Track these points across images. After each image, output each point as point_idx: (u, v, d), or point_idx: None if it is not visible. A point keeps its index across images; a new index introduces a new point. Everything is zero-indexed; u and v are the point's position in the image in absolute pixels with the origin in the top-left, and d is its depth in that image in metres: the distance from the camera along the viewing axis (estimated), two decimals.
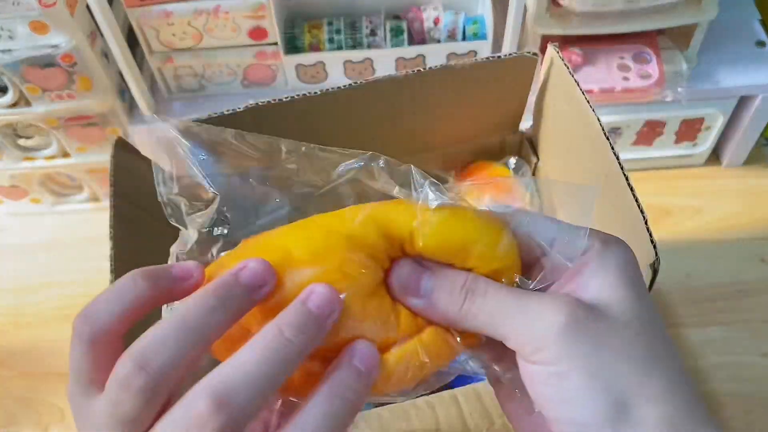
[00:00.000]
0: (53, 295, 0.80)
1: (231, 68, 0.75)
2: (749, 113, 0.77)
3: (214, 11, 0.68)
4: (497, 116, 0.61)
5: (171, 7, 0.68)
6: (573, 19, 0.69)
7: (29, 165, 0.79)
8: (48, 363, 0.75)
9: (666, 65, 0.73)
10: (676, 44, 0.75)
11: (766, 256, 0.77)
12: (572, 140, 0.53)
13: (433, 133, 0.61)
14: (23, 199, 0.85)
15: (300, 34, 0.74)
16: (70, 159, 0.78)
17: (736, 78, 0.74)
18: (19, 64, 0.66)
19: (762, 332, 0.71)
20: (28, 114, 0.72)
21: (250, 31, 0.71)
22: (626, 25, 0.70)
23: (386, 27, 0.73)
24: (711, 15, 0.69)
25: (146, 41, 0.71)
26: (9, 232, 0.87)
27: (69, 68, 0.67)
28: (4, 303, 0.80)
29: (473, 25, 0.74)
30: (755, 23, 0.80)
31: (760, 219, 0.80)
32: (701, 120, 0.79)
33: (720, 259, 0.77)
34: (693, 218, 0.80)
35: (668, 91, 0.72)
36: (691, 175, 0.85)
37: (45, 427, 0.71)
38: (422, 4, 0.75)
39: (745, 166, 0.85)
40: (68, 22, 0.64)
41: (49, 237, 0.85)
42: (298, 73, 0.75)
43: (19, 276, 0.82)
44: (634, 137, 0.80)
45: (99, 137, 0.76)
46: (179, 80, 0.76)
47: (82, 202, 0.86)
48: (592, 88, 0.72)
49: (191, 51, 0.73)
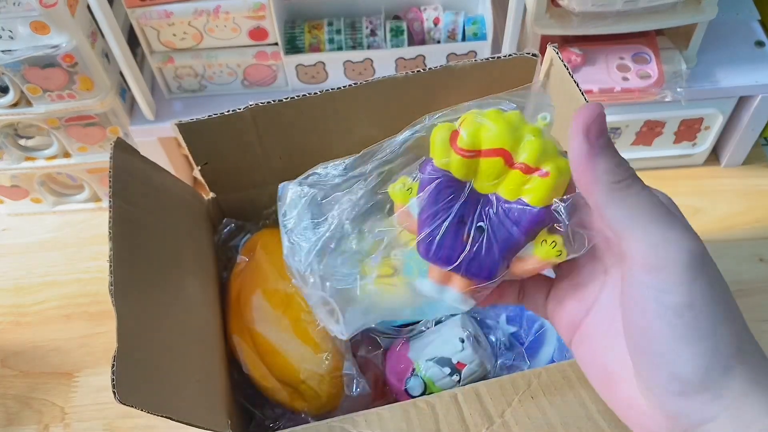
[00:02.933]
0: (54, 294, 0.80)
1: (231, 68, 0.75)
2: (748, 113, 0.77)
3: (214, 11, 0.68)
4: None
5: (171, 7, 0.68)
6: (572, 20, 0.69)
7: (30, 165, 0.79)
8: (48, 362, 0.75)
9: (665, 65, 0.73)
10: (676, 44, 0.75)
11: (764, 255, 0.77)
12: None
13: None
14: (24, 199, 0.85)
15: (300, 35, 0.74)
16: (71, 159, 0.79)
17: (735, 78, 0.75)
18: (20, 65, 0.66)
19: (761, 332, 0.71)
20: (29, 114, 0.72)
21: (250, 31, 0.71)
22: (625, 25, 0.70)
23: (386, 27, 0.73)
24: (710, 15, 0.69)
25: (147, 41, 0.71)
26: (10, 232, 0.87)
27: (70, 68, 0.67)
28: (5, 302, 0.80)
29: (473, 26, 0.74)
30: (754, 23, 0.80)
31: (759, 219, 0.80)
32: (700, 120, 0.79)
33: (719, 259, 0.76)
34: (692, 218, 0.80)
35: (667, 91, 0.72)
36: (690, 175, 0.85)
37: (45, 427, 0.71)
38: (422, 4, 0.75)
39: (744, 166, 0.85)
40: (69, 23, 0.64)
41: (50, 237, 0.85)
42: (298, 74, 0.75)
43: (19, 276, 0.82)
44: (633, 137, 0.80)
45: (100, 137, 0.76)
46: (180, 80, 0.76)
47: (83, 202, 0.86)
48: (591, 88, 0.72)
49: (192, 51, 0.73)
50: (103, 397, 0.72)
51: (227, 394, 0.52)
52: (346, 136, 0.58)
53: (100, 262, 0.82)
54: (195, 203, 0.59)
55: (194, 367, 0.49)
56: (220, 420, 0.48)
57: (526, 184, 0.34)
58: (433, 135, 0.35)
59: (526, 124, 0.34)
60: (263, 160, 0.58)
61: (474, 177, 0.35)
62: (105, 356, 0.75)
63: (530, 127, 0.34)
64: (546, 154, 0.33)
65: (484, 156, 0.34)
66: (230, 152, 0.57)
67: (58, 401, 0.72)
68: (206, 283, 0.56)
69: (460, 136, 0.34)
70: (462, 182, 0.35)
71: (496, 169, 0.34)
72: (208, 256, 0.58)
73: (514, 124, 0.34)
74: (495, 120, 0.34)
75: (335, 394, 0.54)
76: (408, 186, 0.37)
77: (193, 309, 0.53)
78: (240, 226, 0.62)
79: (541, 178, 0.33)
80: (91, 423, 0.71)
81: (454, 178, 0.35)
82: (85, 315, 0.78)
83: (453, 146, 0.34)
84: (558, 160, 0.33)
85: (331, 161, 0.44)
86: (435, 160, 0.35)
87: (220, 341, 0.55)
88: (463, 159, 0.34)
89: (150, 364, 0.44)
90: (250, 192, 0.61)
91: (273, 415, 0.56)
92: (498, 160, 0.34)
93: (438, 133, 0.35)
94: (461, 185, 0.35)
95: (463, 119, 0.35)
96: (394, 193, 0.37)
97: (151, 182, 0.53)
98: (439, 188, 0.35)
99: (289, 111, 0.55)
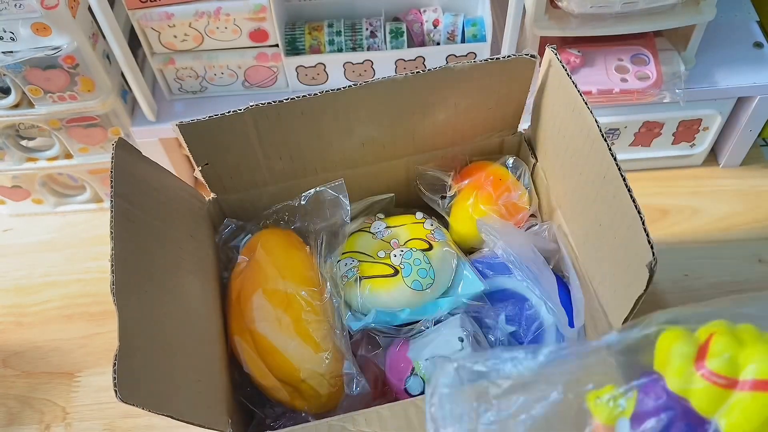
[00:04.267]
0: (55, 295, 0.80)
1: (232, 70, 0.75)
2: (747, 114, 0.78)
3: (215, 13, 0.68)
4: (496, 117, 0.61)
5: (172, 9, 0.68)
6: (571, 21, 0.69)
7: (31, 166, 0.79)
8: (49, 362, 0.75)
9: (664, 66, 0.73)
10: (674, 45, 0.75)
11: (763, 256, 0.77)
12: (570, 141, 0.54)
13: (433, 134, 0.61)
14: (25, 200, 0.85)
15: (300, 36, 0.74)
16: (72, 160, 0.79)
17: (733, 79, 0.75)
18: (22, 66, 0.66)
19: None
20: (30, 115, 0.72)
21: (251, 33, 0.71)
22: (624, 26, 0.70)
23: (386, 29, 0.74)
24: (709, 16, 0.70)
25: (148, 43, 0.72)
26: (11, 233, 0.87)
27: (71, 70, 0.68)
28: (6, 303, 0.80)
29: (472, 27, 0.74)
30: (753, 24, 0.80)
31: (757, 219, 0.80)
32: (699, 121, 0.79)
33: (718, 259, 0.77)
34: (691, 218, 0.81)
35: (666, 93, 0.72)
36: (688, 176, 0.85)
37: (46, 426, 0.71)
38: (422, 6, 0.75)
39: (742, 167, 0.85)
40: (70, 24, 0.64)
41: (51, 237, 0.86)
42: (298, 75, 0.76)
43: (21, 276, 0.83)
44: (632, 138, 0.81)
45: (101, 138, 0.76)
46: (181, 81, 0.76)
47: (84, 202, 0.86)
48: (590, 89, 0.72)
49: (192, 53, 0.73)
50: (104, 396, 0.73)
51: (228, 393, 0.53)
52: (346, 137, 0.59)
53: (101, 263, 0.83)
54: (196, 203, 0.59)
55: (195, 367, 0.49)
56: (221, 419, 0.48)
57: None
58: (665, 344, 0.27)
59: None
60: (264, 160, 0.59)
61: (722, 416, 0.25)
62: (106, 356, 0.75)
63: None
64: None
65: (747, 389, 0.24)
66: (231, 153, 0.57)
67: (59, 401, 0.73)
68: (207, 283, 0.56)
69: (714, 355, 0.25)
70: (704, 420, 0.25)
71: (763, 410, 0.24)
72: (208, 256, 0.59)
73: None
74: (764, 342, 0.25)
75: (335, 393, 0.54)
76: (616, 400, 0.27)
77: (193, 309, 0.53)
78: (240, 227, 0.62)
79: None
80: (92, 423, 0.71)
81: (693, 413, 0.26)
82: (86, 315, 0.78)
83: (699, 366, 0.25)
84: None
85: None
86: (669, 380, 0.26)
87: (220, 341, 0.55)
88: (714, 387, 0.25)
89: (151, 364, 0.44)
90: (251, 192, 0.62)
91: (273, 414, 0.56)
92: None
93: (677, 344, 0.26)
94: (703, 423, 0.25)
95: (713, 331, 0.26)
96: (598, 405, 0.28)
97: (153, 183, 0.53)
98: (671, 422, 0.26)
99: (290, 112, 0.55)
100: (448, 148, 0.64)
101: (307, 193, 0.60)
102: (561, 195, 0.58)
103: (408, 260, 0.57)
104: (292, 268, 0.56)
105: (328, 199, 0.59)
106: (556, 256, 0.60)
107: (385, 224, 0.63)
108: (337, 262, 0.59)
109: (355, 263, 0.59)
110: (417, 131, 0.60)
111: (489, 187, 0.61)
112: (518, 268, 0.57)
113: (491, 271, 0.59)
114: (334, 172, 0.61)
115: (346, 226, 0.60)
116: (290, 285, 0.55)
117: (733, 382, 0.24)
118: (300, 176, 0.61)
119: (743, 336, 0.26)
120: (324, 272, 0.57)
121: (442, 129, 0.61)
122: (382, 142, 0.60)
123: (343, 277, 0.58)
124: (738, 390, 0.24)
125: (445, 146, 0.63)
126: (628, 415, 0.26)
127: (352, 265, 0.59)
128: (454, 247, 0.60)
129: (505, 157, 0.64)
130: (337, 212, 0.59)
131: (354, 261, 0.59)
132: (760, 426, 0.24)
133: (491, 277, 0.59)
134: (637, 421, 0.25)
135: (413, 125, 0.60)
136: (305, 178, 0.61)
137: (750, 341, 0.25)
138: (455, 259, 0.59)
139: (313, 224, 0.60)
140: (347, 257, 0.60)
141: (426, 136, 0.61)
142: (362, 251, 0.60)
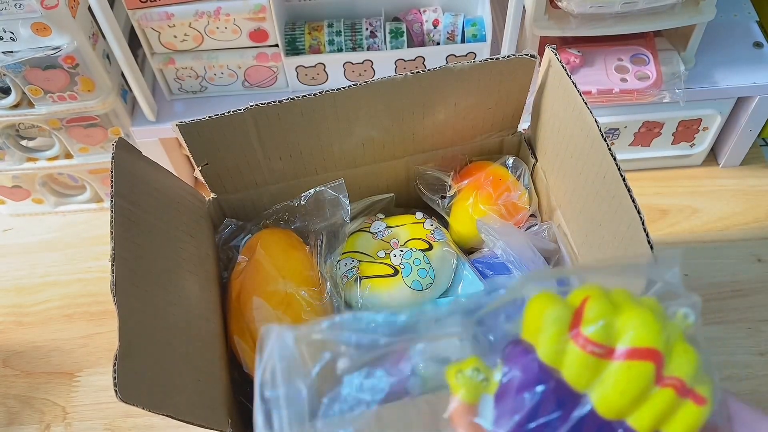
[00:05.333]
0: (55, 294, 0.80)
1: (232, 70, 0.75)
2: (746, 114, 0.78)
3: (215, 13, 0.68)
4: (496, 117, 0.61)
5: (172, 9, 0.68)
6: (571, 21, 0.69)
7: (32, 166, 0.79)
8: (50, 362, 0.75)
9: (664, 66, 0.73)
10: (674, 45, 0.75)
11: (762, 255, 0.78)
12: (570, 141, 0.54)
13: (433, 134, 0.61)
14: (26, 200, 0.85)
15: (300, 36, 0.74)
16: (73, 160, 0.79)
17: (733, 79, 0.75)
18: (22, 66, 0.66)
19: (759, 331, 0.72)
20: (30, 115, 0.72)
21: (250, 32, 0.71)
22: (624, 26, 0.70)
23: (386, 29, 0.74)
24: (709, 16, 0.70)
25: (148, 43, 0.72)
26: (11, 233, 0.87)
27: (71, 70, 0.68)
28: (7, 303, 0.80)
29: (472, 27, 0.74)
30: (753, 24, 0.80)
31: (757, 219, 0.80)
32: (699, 121, 0.79)
33: (717, 259, 0.77)
34: (690, 218, 0.81)
35: (666, 92, 0.72)
36: (688, 176, 0.85)
37: (46, 426, 0.71)
38: (422, 6, 0.75)
39: (742, 167, 0.85)
40: (70, 24, 0.64)
41: (51, 237, 0.86)
42: (298, 75, 0.76)
43: (21, 276, 0.83)
44: (631, 138, 0.81)
45: (101, 138, 0.76)
46: (180, 81, 0.76)
47: (84, 202, 0.86)
48: (590, 89, 0.72)
49: (192, 52, 0.73)
50: (104, 396, 0.73)
51: (228, 393, 0.53)
52: (346, 137, 0.59)
53: (101, 263, 0.83)
54: (196, 203, 0.59)
55: (195, 366, 0.49)
56: (221, 419, 0.48)
57: (673, 414, 0.23)
58: (536, 309, 0.24)
59: (669, 321, 0.24)
60: (263, 160, 0.59)
61: (594, 389, 0.23)
62: (106, 356, 0.75)
63: (672, 326, 0.24)
64: (701, 370, 0.23)
65: (623, 358, 0.22)
66: (231, 153, 0.57)
67: (59, 401, 0.73)
68: (207, 282, 0.56)
69: (589, 321, 0.22)
70: (576, 395, 0.23)
71: (639, 380, 0.22)
72: (208, 256, 0.59)
73: (662, 317, 0.24)
74: (640, 307, 0.23)
75: None
76: (482, 375, 0.24)
77: (193, 308, 0.53)
78: (240, 226, 0.62)
79: (696, 406, 0.23)
80: (92, 422, 0.71)
81: (566, 386, 0.23)
82: (86, 315, 0.78)
83: (574, 334, 0.23)
84: (710, 380, 0.23)
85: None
86: (541, 350, 0.23)
87: (220, 341, 0.55)
88: (590, 357, 0.23)
89: (151, 363, 0.44)
90: (251, 192, 0.62)
91: None
92: (646, 368, 0.22)
93: (550, 309, 0.23)
94: (575, 399, 0.23)
95: (587, 295, 0.24)
96: (459, 380, 0.25)
97: (153, 182, 0.53)
98: (544, 398, 0.22)
99: (290, 112, 0.55)
100: (447, 148, 0.64)
101: (307, 193, 0.60)
102: (561, 195, 0.58)
103: (408, 260, 0.57)
104: (292, 268, 0.56)
105: (328, 199, 0.60)
106: (556, 256, 0.60)
107: (385, 224, 0.63)
108: (337, 262, 0.59)
109: (355, 263, 0.59)
110: (417, 131, 0.60)
111: (489, 187, 0.61)
112: (518, 268, 0.57)
113: (491, 271, 0.59)
114: (334, 172, 0.62)
115: (346, 226, 0.60)
116: (290, 285, 0.55)
117: (609, 351, 0.22)
118: (300, 176, 0.61)
119: (618, 300, 0.23)
120: (324, 272, 0.57)
121: (442, 129, 0.61)
122: (382, 142, 0.60)
123: (343, 277, 0.58)
124: (614, 360, 0.22)
125: (445, 146, 0.63)
126: (493, 391, 0.23)
127: (352, 265, 0.59)
128: (454, 247, 0.61)
129: (504, 157, 0.64)
130: (337, 212, 0.59)
131: (354, 261, 0.59)
132: (634, 399, 0.22)
133: (491, 277, 0.59)
134: (503, 398, 0.22)
135: (413, 125, 0.60)
136: (305, 178, 0.61)
137: (625, 306, 0.23)
138: (455, 259, 0.60)
139: (313, 224, 0.60)
140: (347, 257, 0.60)
141: (426, 136, 0.61)
142: (362, 251, 0.60)
